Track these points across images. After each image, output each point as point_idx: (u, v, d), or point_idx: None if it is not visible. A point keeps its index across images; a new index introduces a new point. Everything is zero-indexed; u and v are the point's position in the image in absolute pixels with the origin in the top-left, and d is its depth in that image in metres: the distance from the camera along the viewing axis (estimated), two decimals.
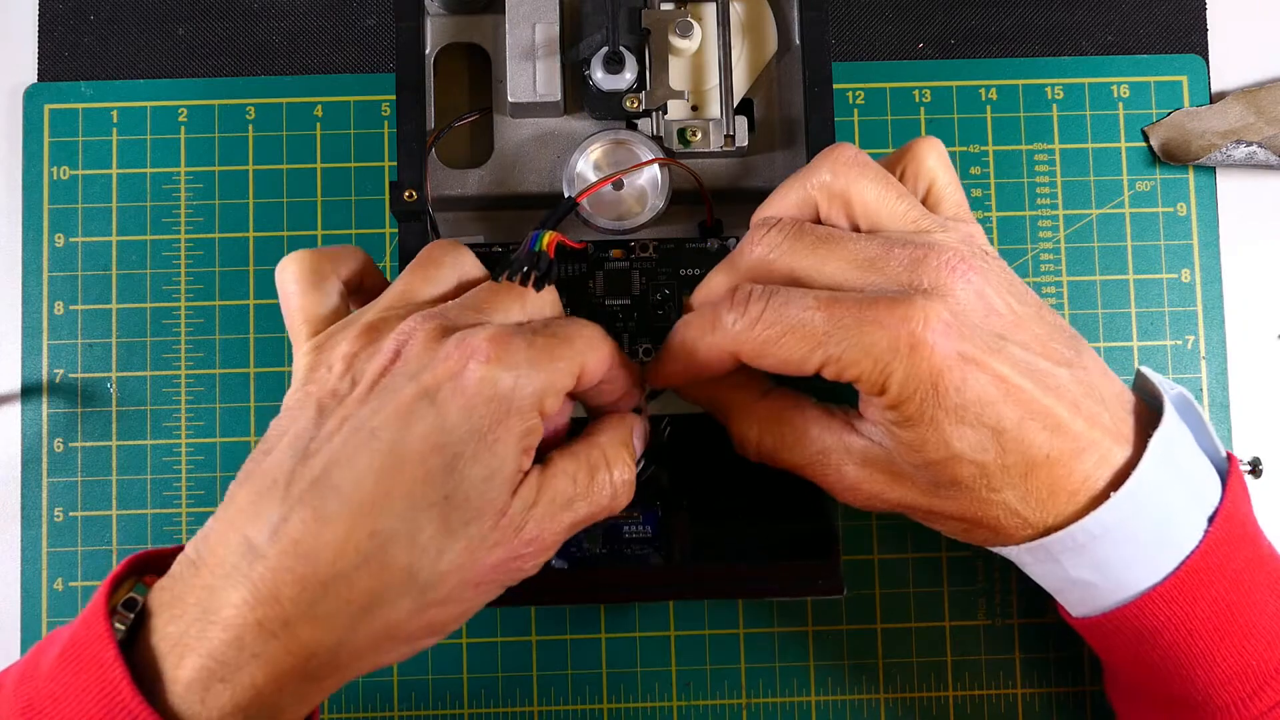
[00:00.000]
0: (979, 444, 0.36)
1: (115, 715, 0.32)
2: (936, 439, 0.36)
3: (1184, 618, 0.37)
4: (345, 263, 0.39)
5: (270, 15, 0.52)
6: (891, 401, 0.35)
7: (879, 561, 0.49)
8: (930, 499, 0.38)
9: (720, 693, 0.49)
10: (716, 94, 0.45)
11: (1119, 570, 0.37)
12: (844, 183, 0.38)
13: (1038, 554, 0.38)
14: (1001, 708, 0.49)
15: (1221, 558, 0.37)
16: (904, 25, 0.52)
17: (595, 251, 0.44)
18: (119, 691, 0.32)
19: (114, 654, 0.32)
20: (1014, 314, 0.37)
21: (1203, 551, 0.37)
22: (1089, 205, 0.51)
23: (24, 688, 0.34)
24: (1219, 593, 0.37)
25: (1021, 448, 0.36)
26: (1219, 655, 0.37)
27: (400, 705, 0.48)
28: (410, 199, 0.41)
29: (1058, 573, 0.38)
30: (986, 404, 0.35)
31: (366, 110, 0.51)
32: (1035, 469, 0.36)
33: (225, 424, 0.49)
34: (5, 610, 0.49)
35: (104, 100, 0.51)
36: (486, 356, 0.34)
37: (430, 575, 0.34)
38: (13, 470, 0.49)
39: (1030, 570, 0.40)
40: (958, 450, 0.36)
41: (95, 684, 0.32)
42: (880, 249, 0.37)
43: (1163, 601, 0.37)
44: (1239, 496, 0.39)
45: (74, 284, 0.50)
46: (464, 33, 0.46)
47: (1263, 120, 0.51)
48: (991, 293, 0.36)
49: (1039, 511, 0.37)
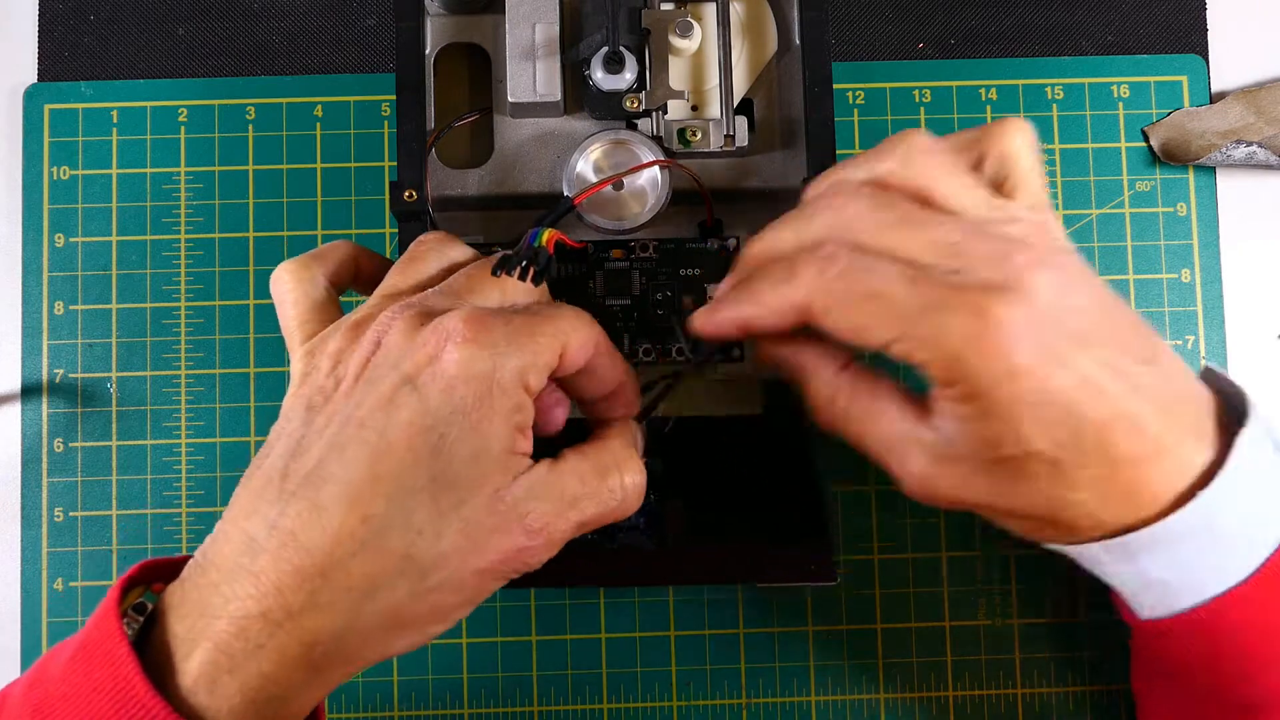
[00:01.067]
0: (1058, 443, 0.35)
1: (127, 708, 0.32)
2: (1013, 435, 0.35)
3: (1262, 619, 0.37)
4: (330, 261, 0.40)
5: (270, 15, 0.52)
6: (963, 394, 0.34)
7: (879, 561, 0.49)
8: (1001, 497, 0.36)
9: (720, 693, 0.49)
10: (716, 94, 0.45)
11: (1199, 571, 0.37)
12: (913, 172, 0.36)
13: (1115, 553, 0.37)
14: (1001, 708, 0.49)
15: None
16: (904, 25, 0.52)
17: (595, 251, 0.44)
18: (131, 685, 0.32)
19: (126, 650, 0.33)
20: (1097, 310, 0.36)
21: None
22: (1089, 205, 0.51)
23: (33, 693, 0.34)
24: None
25: (1103, 449, 0.35)
26: None
27: (400, 705, 0.48)
28: (410, 199, 0.41)
29: (1135, 572, 0.37)
30: (1069, 403, 0.34)
31: (366, 110, 0.51)
32: (1117, 471, 0.35)
33: (225, 424, 0.49)
34: (5, 610, 0.49)
35: (104, 100, 0.51)
36: (462, 337, 0.34)
37: (428, 558, 0.34)
38: (13, 470, 0.49)
39: (1103, 569, 0.38)
40: (1036, 449, 0.35)
41: (107, 680, 0.33)
42: (962, 235, 0.35)
43: (1242, 602, 0.36)
44: None
45: (74, 284, 0.50)
46: (464, 33, 0.46)
47: (1263, 120, 0.51)
48: (1075, 288, 0.35)
49: (1117, 513, 0.36)
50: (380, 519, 0.33)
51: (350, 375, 0.35)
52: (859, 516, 0.49)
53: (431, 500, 0.34)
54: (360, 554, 0.33)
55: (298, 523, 0.33)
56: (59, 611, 0.48)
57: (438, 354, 0.34)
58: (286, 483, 0.34)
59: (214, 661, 0.33)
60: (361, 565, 0.33)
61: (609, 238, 0.44)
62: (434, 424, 0.34)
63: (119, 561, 0.49)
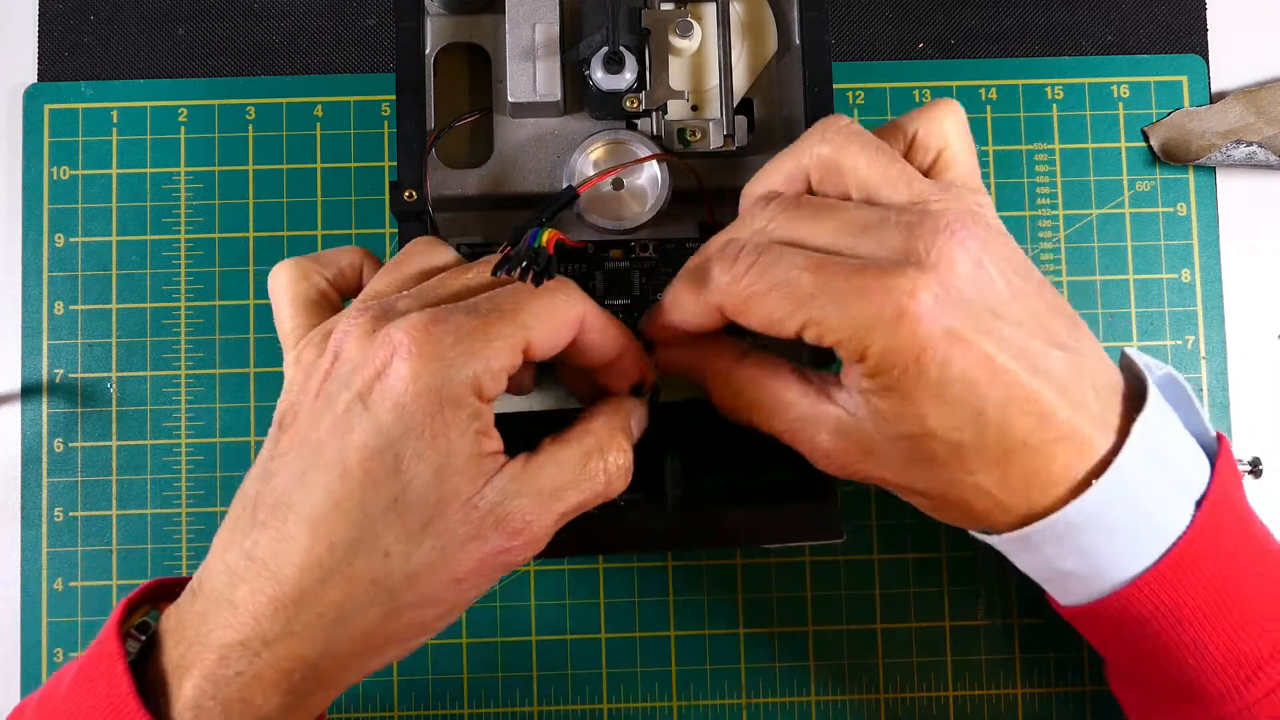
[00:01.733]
0: (957, 423, 0.35)
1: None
2: (913, 413, 0.35)
3: (1172, 605, 0.37)
4: (332, 265, 0.39)
5: (270, 15, 0.52)
6: (870, 370, 0.35)
7: (879, 561, 0.49)
8: (902, 474, 0.37)
9: (720, 693, 0.49)
10: (716, 94, 0.45)
11: (1104, 559, 0.37)
12: (837, 153, 0.37)
13: (1020, 544, 0.37)
14: (1001, 708, 0.49)
15: (1209, 543, 0.37)
16: (904, 25, 0.52)
17: (595, 251, 0.44)
18: (127, 708, 0.33)
19: (124, 672, 0.33)
20: (1011, 289, 0.35)
21: (1189, 538, 0.36)
22: (1089, 205, 0.51)
23: (44, 706, 0.35)
24: (1208, 578, 0.36)
25: (1001, 431, 0.35)
26: (1210, 642, 0.37)
27: (400, 705, 0.48)
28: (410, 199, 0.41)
29: (1042, 563, 0.38)
30: (970, 384, 0.34)
31: (366, 110, 0.51)
32: (1012, 454, 0.35)
33: (225, 424, 0.49)
34: (5, 610, 0.49)
35: (104, 100, 0.51)
36: (408, 351, 0.33)
37: (398, 580, 0.34)
38: (13, 470, 0.49)
39: (1016, 560, 0.39)
40: (932, 427, 0.35)
41: (105, 700, 0.33)
42: (875, 215, 0.36)
43: (1149, 589, 0.36)
44: (1228, 480, 0.38)
45: (74, 284, 0.50)
46: (464, 33, 0.46)
47: (1263, 120, 0.51)
48: (990, 264, 0.35)
49: (1014, 498, 0.36)
50: (346, 544, 0.33)
51: (311, 392, 0.35)
52: (859, 516, 0.49)
53: (398, 520, 0.33)
54: (328, 581, 0.33)
55: (268, 552, 0.34)
56: (59, 611, 0.48)
57: (384, 369, 0.33)
58: (258, 511, 0.34)
59: (200, 689, 0.33)
60: (331, 593, 0.33)
61: (609, 238, 0.44)
62: (387, 444, 0.33)
63: (119, 561, 0.49)
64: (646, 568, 0.49)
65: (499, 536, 0.34)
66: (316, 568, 0.33)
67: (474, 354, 0.33)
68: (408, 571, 0.34)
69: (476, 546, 0.34)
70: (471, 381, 0.33)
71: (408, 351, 0.33)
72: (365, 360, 0.34)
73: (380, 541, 0.33)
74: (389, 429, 0.33)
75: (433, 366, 0.33)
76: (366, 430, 0.33)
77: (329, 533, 0.33)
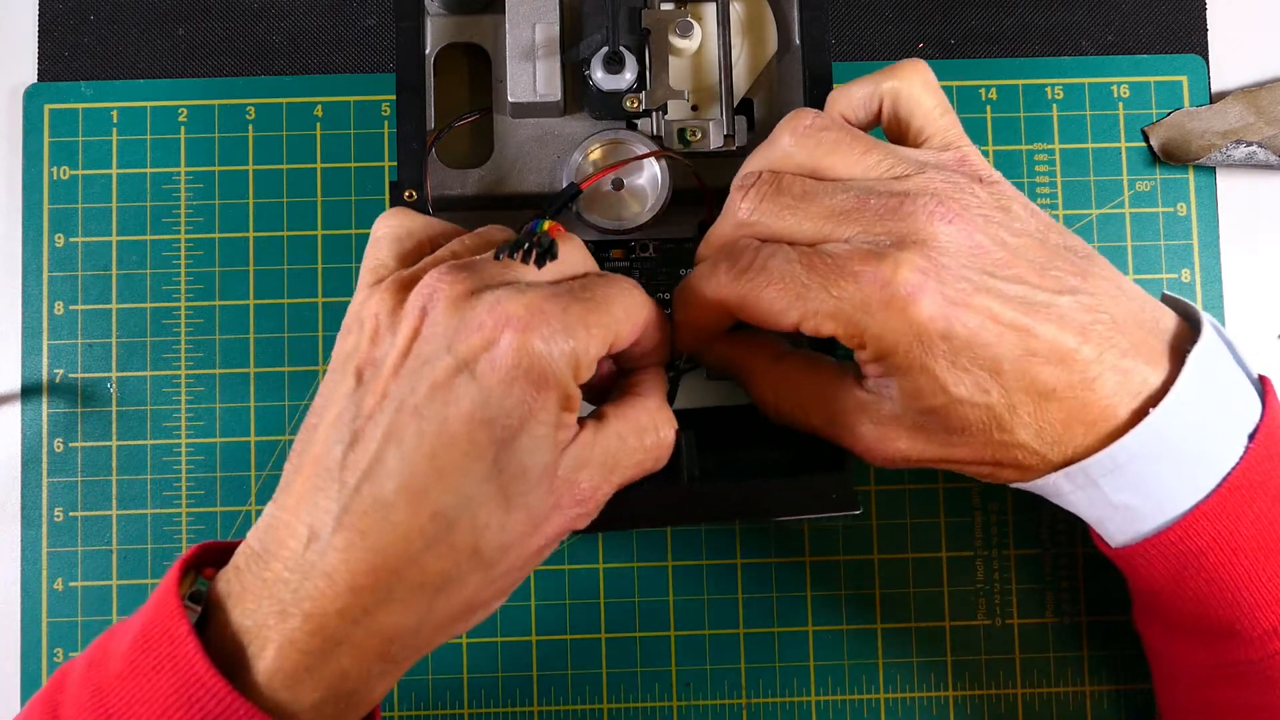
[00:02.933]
0: (978, 386, 0.35)
1: (194, 695, 0.32)
2: (932, 386, 0.35)
3: (1228, 536, 0.37)
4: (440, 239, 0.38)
5: (270, 15, 0.52)
6: (872, 355, 0.36)
7: (879, 561, 0.49)
8: (947, 449, 0.37)
9: (720, 693, 0.49)
10: (716, 94, 0.45)
11: (1160, 491, 0.37)
12: (803, 152, 0.38)
13: (1077, 479, 0.37)
14: (1001, 708, 0.49)
15: (1263, 474, 0.37)
16: (904, 25, 0.52)
17: (595, 251, 0.44)
18: (196, 673, 0.32)
19: (190, 637, 0.32)
20: (1004, 246, 0.36)
21: (1244, 468, 0.36)
22: (1089, 205, 0.51)
23: (92, 674, 0.34)
24: (1262, 510, 0.37)
25: (1025, 384, 0.35)
26: (1264, 574, 0.37)
27: (400, 705, 0.48)
28: (410, 199, 0.41)
29: (1098, 498, 0.38)
30: (979, 345, 0.35)
31: (366, 110, 0.51)
32: (1045, 403, 0.36)
33: (225, 424, 0.49)
34: (5, 610, 0.49)
35: (104, 100, 0.51)
36: (523, 325, 0.33)
37: (495, 549, 0.34)
38: (13, 470, 0.49)
39: (1069, 499, 0.38)
40: (957, 395, 0.35)
41: (170, 667, 0.32)
42: (855, 200, 0.36)
43: (1206, 520, 0.37)
44: (1278, 415, 0.38)
45: (74, 284, 0.50)
46: (464, 33, 0.46)
47: (1263, 120, 0.51)
48: (978, 231, 0.36)
49: (1057, 446, 0.36)
50: (448, 514, 0.33)
51: (398, 350, 0.34)
52: (859, 516, 0.49)
53: (498, 492, 0.33)
54: (430, 550, 0.33)
55: (365, 521, 0.33)
56: (59, 611, 0.48)
57: (494, 339, 0.33)
58: (345, 474, 0.33)
59: (291, 658, 0.33)
60: (434, 561, 0.33)
61: (609, 238, 0.44)
62: (493, 416, 0.33)
63: (119, 561, 0.49)
64: (646, 567, 0.49)
65: (573, 506, 0.35)
66: (419, 537, 0.33)
67: (577, 338, 0.34)
68: (503, 541, 0.34)
69: (558, 516, 0.35)
70: (573, 364, 0.34)
71: (523, 325, 0.33)
72: (469, 328, 0.33)
73: (480, 511, 0.33)
74: (497, 401, 0.33)
75: (543, 345, 0.33)
76: (473, 400, 0.33)
77: (432, 502, 0.33)
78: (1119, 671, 0.49)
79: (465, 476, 0.33)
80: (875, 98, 0.39)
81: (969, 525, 0.50)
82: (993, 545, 0.49)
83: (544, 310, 0.34)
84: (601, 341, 0.35)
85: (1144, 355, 0.36)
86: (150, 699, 0.32)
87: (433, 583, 0.33)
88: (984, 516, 0.50)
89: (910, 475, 0.50)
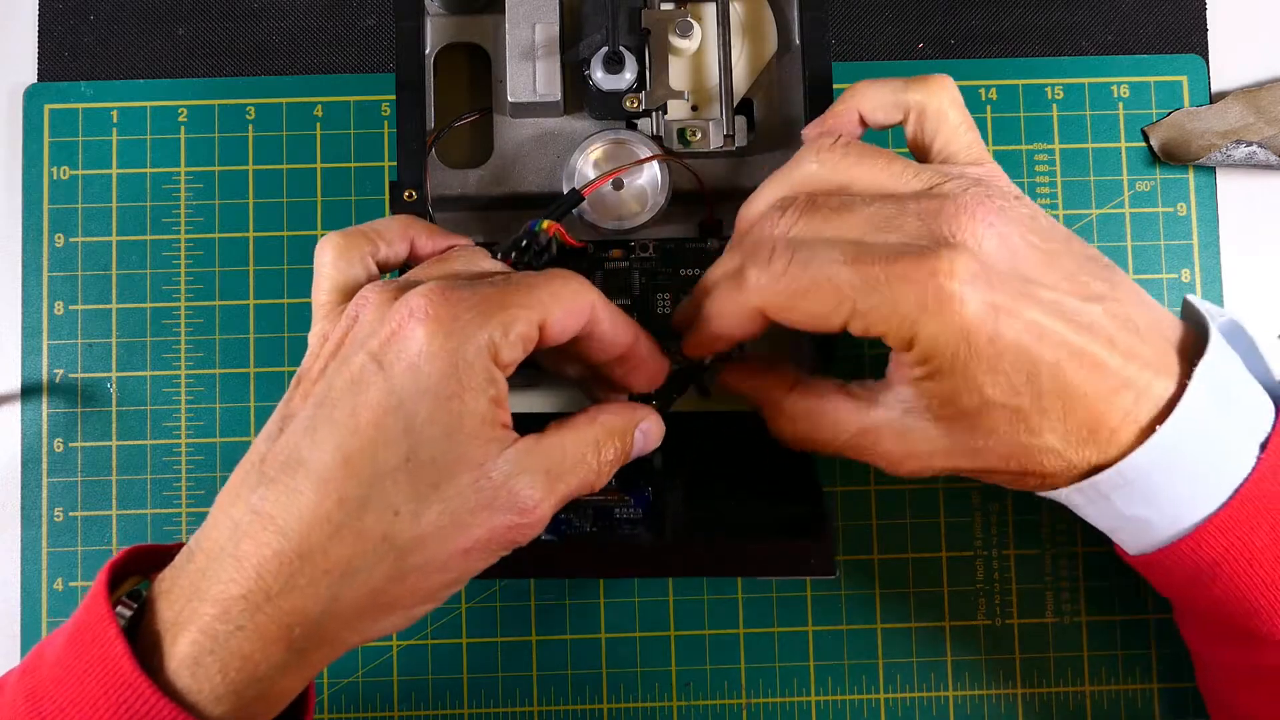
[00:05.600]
0: (1013, 389, 0.35)
1: (118, 691, 0.32)
2: (970, 388, 0.35)
3: (1243, 547, 0.37)
4: (382, 242, 0.39)
5: (270, 15, 0.52)
6: (921, 356, 0.35)
7: (879, 561, 0.49)
8: (971, 456, 0.37)
9: (720, 693, 0.49)
10: (716, 94, 0.45)
11: (1172, 503, 0.37)
12: (830, 171, 0.38)
13: (1088, 493, 0.37)
14: (1001, 708, 0.49)
15: (1277, 483, 0.37)
16: (904, 25, 0.52)
17: (595, 251, 0.44)
18: (121, 669, 0.32)
19: (116, 633, 0.33)
20: (1039, 253, 0.36)
21: (1256, 478, 0.36)
22: (1089, 205, 0.51)
23: (27, 678, 0.34)
24: (1277, 519, 0.37)
25: (1057, 388, 0.35)
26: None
27: (400, 705, 0.48)
28: (410, 199, 0.41)
29: (1110, 511, 0.38)
30: (1020, 350, 0.35)
31: (366, 110, 0.51)
32: (1073, 408, 0.36)
33: (225, 424, 0.49)
34: (5, 610, 0.49)
35: (104, 100, 0.51)
36: (424, 313, 0.34)
37: (407, 539, 0.34)
38: (13, 470, 0.49)
39: (1083, 511, 0.39)
40: (991, 397, 0.36)
41: (98, 663, 0.33)
42: (893, 207, 0.36)
43: (1219, 532, 0.37)
44: None
45: (74, 284, 0.50)
46: (464, 33, 0.46)
47: (1263, 120, 0.51)
48: (1015, 235, 0.36)
49: (1081, 451, 0.36)
50: (355, 500, 0.33)
51: (325, 354, 0.35)
52: (859, 516, 0.49)
53: (408, 480, 0.34)
54: (336, 536, 0.33)
55: (275, 506, 0.33)
56: (59, 611, 0.48)
57: (400, 330, 0.34)
58: (265, 466, 0.34)
59: (197, 644, 0.33)
60: (339, 548, 0.33)
61: (609, 238, 0.44)
62: (399, 403, 0.33)
63: None
64: None
65: (509, 512, 0.34)
66: (325, 522, 0.33)
67: (490, 318, 0.34)
68: (416, 532, 0.34)
69: (486, 517, 0.34)
70: (488, 345, 0.34)
71: (424, 314, 0.34)
72: (382, 324, 0.34)
73: (390, 499, 0.33)
74: (402, 387, 0.33)
75: (448, 328, 0.34)
76: (380, 389, 0.34)
77: (338, 488, 0.33)
78: (1119, 671, 0.49)
79: (374, 463, 0.33)
80: (899, 108, 0.39)
81: (969, 525, 0.50)
82: (993, 545, 0.49)
83: (448, 296, 0.34)
84: (523, 321, 0.34)
85: (1160, 368, 0.36)
86: (79, 697, 0.33)
87: (338, 569, 0.33)
88: (984, 516, 0.50)
89: None
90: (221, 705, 0.33)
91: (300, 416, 0.35)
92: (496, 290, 0.35)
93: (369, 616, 0.35)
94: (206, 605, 0.33)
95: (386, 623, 0.35)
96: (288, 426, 0.35)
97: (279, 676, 0.34)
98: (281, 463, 0.34)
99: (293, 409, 0.35)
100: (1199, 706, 0.48)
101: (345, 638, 0.35)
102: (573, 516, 0.42)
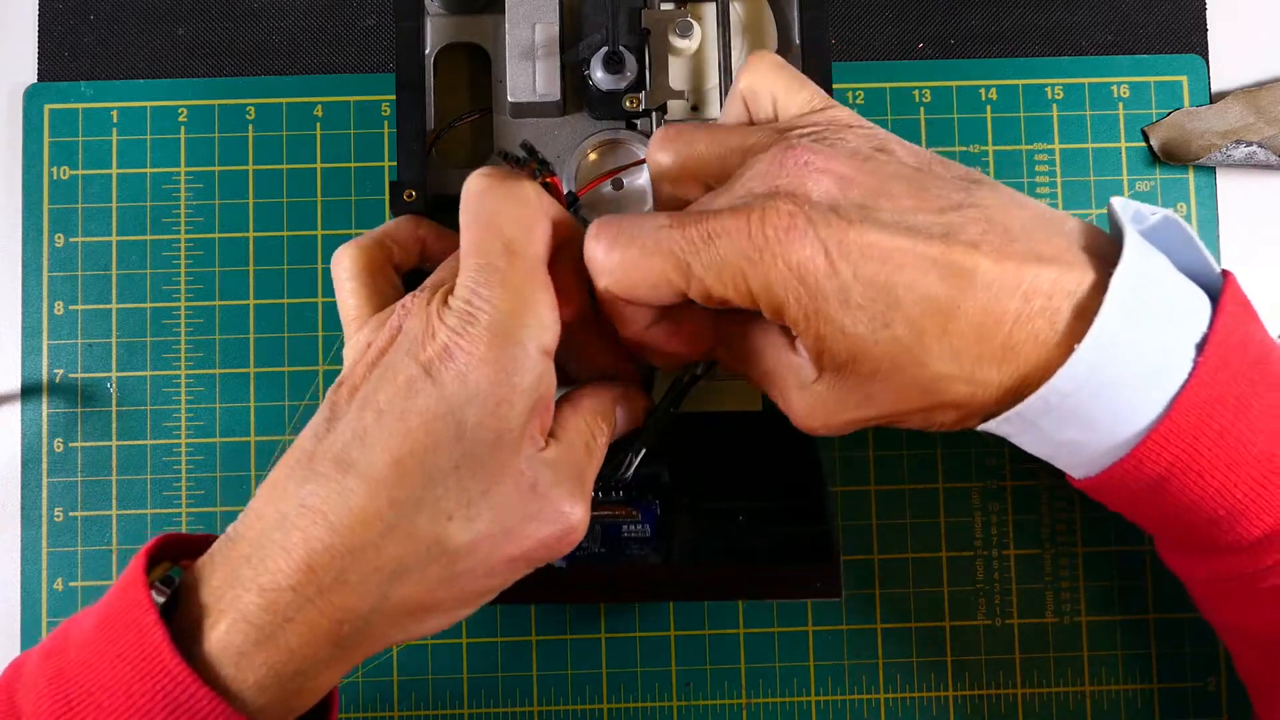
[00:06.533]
0: (877, 320, 0.34)
1: (155, 679, 0.32)
2: (831, 332, 0.34)
3: (1188, 459, 0.34)
4: (395, 247, 0.40)
5: (270, 15, 0.52)
6: (769, 309, 0.34)
7: (879, 561, 0.49)
8: (869, 403, 0.36)
9: (720, 693, 0.49)
10: (716, 94, 0.45)
11: (1105, 422, 0.34)
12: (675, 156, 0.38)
13: (1015, 422, 0.35)
14: (1002, 708, 0.49)
15: (1219, 386, 0.34)
16: (904, 25, 0.52)
17: None
18: (158, 654, 0.32)
19: (155, 619, 0.33)
20: (879, 179, 0.35)
21: (1194, 384, 0.34)
22: (1089, 205, 0.51)
23: (52, 661, 0.34)
24: (1224, 424, 0.34)
25: (926, 307, 0.33)
26: (1237, 490, 0.34)
27: (400, 705, 0.48)
28: (410, 199, 0.41)
29: (1042, 437, 0.36)
30: (868, 278, 0.33)
31: (366, 110, 0.51)
32: (950, 324, 0.34)
33: (225, 424, 0.49)
34: (5, 610, 0.49)
35: (104, 100, 0.51)
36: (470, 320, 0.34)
37: (461, 544, 0.34)
38: (13, 470, 0.49)
39: (1018, 440, 0.37)
40: (858, 334, 0.34)
41: (134, 648, 0.33)
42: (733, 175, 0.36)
43: (1160, 446, 0.34)
44: (1235, 318, 0.35)
45: (74, 284, 0.50)
46: (464, 33, 0.46)
47: (1263, 120, 0.51)
48: (845, 167, 0.35)
49: (981, 370, 0.34)
50: (408, 502, 0.34)
51: (369, 359, 0.36)
52: (859, 516, 0.49)
53: (459, 485, 0.34)
54: (389, 535, 0.34)
55: (325, 503, 0.34)
56: (59, 611, 0.48)
57: (449, 340, 0.34)
58: (315, 464, 0.34)
59: (241, 633, 0.33)
60: (391, 547, 0.34)
61: None
62: (450, 409, 0.34)
63: (119, 561, 0.49)
64: None
65: (554, 524, 0.35)
66: (377, 520, 0.33)
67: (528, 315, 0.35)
68: (470, 537, 0.34)
69: (535, 528, 0.35)
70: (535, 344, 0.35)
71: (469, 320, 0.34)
72: (426, 330, 0.35)
73: (443, 504, 0.34)
74: (453, 394, 0.34)
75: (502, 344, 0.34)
76: (431, 396, 0.34)
77: (390, 490, 0.34)
78: (1119, 671, 0.49)
79: (425, 469, 0.34)
80: (736, 102, 0.39)
81: (969, 525, 0.50)
82: (993, 545, 0.49)
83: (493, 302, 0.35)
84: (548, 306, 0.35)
85: (1052, 259, 0.34)
86: (112, 682, 0.33)
87: (389, 568, 0.34)
88: (984, 516, 0.50)
89: (910, 475, 0.50)
90: (264, 696, 0.33)
91: (347, 419, 0.35)
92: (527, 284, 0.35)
93: (415, 617, 0.35)
94: (251, 594, 0.33)
95: (431, 623, 0.36)
96: (334, 426, 0.35)
97: (322, 670, 0.34)
98: (331, 460, 0.34)
99: (339, 412, 0.35)
100: (1199, 706, 0.48)
101: (389, 636, 0.35)
102: None
